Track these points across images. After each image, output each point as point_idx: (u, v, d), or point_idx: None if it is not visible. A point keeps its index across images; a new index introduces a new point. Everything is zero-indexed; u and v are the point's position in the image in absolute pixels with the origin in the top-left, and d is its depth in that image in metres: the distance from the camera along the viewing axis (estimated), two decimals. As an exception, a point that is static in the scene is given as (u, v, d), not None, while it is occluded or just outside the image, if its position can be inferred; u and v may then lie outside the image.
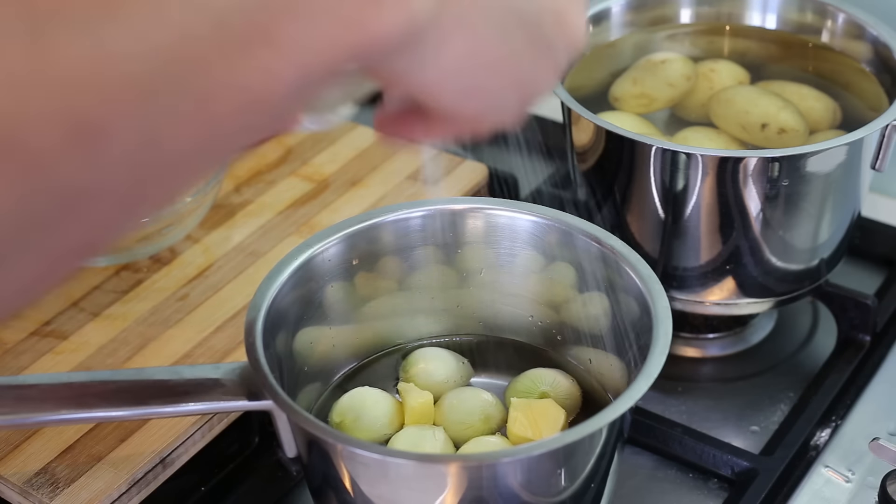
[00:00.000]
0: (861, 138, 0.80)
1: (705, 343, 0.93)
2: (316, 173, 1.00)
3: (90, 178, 0.33)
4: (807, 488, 0.79)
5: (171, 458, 0.76)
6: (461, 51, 0.45)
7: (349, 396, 0.72)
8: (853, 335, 0.91)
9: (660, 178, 0.81)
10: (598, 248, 0.72)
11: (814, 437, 0.83)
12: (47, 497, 0.72)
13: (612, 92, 0.92)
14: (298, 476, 0.79)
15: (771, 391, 0.89)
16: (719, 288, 0.86)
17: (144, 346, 0.82)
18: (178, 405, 0.66)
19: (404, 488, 0.63)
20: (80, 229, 0.34)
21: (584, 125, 0.84)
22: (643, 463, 0.83)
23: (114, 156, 0.33)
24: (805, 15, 0.95)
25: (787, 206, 0.81)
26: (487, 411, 0.71)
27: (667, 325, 0.66)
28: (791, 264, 0.86)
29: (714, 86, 0.91)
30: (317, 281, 0.73)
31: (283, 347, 0.70)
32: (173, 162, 0.36)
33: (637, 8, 0.96)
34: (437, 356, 0.75)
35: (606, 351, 0.74)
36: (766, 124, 0.86)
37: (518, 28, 0.47)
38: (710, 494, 0.81)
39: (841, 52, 0.93)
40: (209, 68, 0.35)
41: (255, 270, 0.89)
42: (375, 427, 0.70)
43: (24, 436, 0.76)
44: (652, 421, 0.83)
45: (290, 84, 0.37)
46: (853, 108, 0.89)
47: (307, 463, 0.67)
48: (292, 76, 0.37)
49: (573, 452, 0.63)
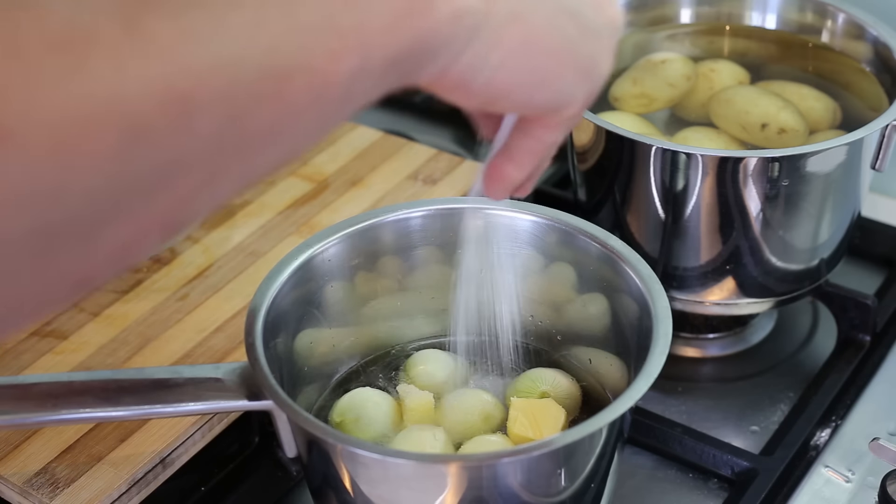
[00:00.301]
0: (861, 138, 0.80)
1: (705, 343, 0.93)
2: (316, 173, 1.00)
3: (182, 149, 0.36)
4: (807, 488, 0.79)
5: (171, 458, 0.76)
6: (517, 42, 0.47)
7: (349, 397, 0.72)
8: (853, 335, 0.91)
9: (660, 178, 0.81)
10: (598, 248, 0.72)
11: (814, 437, 0.83)
12: (47, 497, 0.72)
13: (612, 92, 0.92)
14: (298, 476, 0.79)
15: (771, 391, 0.89)
16: (719, 288, 0.86)
17: (144, 346, 0.82)
18: (178, 405, 0.66)
19: (404, 488, 0.63)
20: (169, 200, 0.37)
21: (584, 125, 0.84)
22: (643, 463, 0.83)
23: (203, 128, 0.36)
24: (805, 15, 0.95)
25: (787, 206, 0.81)
26: (488, 411, 0.71)
27: (667, 325, 0.66)
28: (791, 264, 0.86)
29: (714, 86, 0.91)
30: (317, 281, 0.73)
31: (283, 347, 0.70)
32: (254, 140, 0.39)
33: (637, 8, 0.96)
34: (437, 358, 0.75)
35: (606, 351, 0.74)
36: (766, 124, 0.86)
37: (564, 17, 0.49)
38: (710, 494, 0.81)
39: (841, 52, 0.93)
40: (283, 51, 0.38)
41: (255, 270, 0.89)
42: (376, 427, 0.70)
43: (24, 436, 0.76)
44: (652, 421, 0.83)
45: (353, 67, 0.40)
46: (853, 108, 0.89)
47: (307, 463, 0.67)
48: (354, 59, 0.40)
49: (573, 452, 0.63)
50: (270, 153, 0.40)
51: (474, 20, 0.45)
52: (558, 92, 0.51)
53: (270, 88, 0.38)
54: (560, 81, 0.51)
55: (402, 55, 0.42)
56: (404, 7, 0.42)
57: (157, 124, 0.35)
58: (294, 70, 0.38)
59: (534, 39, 0.48)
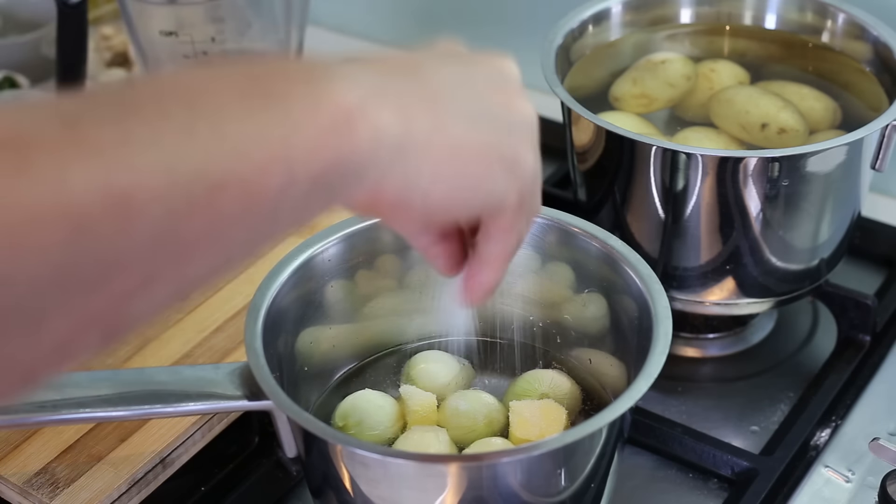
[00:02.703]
0: (861, 138, 0.80)
1: (705, 343, 0.93)
2: (316, 173, 1.00)
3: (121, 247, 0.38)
4: (807, 488, 0.79)
5: (171, 458, 0.76)
6: (445, 154, 0.50)
7: (352, 400, 0.72)
8: (853, 335, 0.91)
9: (660, 178, 0.81)
10: (597, 248, 0.72)
11: (814, 437, 0.83)
12: (47, 497, 0.72)
13: (612, 92, 0.92)
14: (298, 476, 0.79)
15: (771, 391, 0.89)
16: (719, 288, 0.86)
17: (144, 346, 0.82)
18: (178, 405, 0.66)
19: (404, 488, 0.63)
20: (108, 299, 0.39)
21: (584, 125, 0.84)
22: (643, 463, 0.83)
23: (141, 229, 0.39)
24: (805, 15, 0.95)
25: (787, 206, 0.81)
26: (490, 415, 0.70)
27: (667, 325, 0.66)
28: (791, 264, 0.86)
29: (714, 86, 0.91)
30: (317, 281, 0.73)
31: (283, 347, 0.70)
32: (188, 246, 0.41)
33: (637, 8, 0.96)
34: (438, 358, 0.75)
35: (606, 351, 0.74)
36: (766, 124, 0.86)
37: (480, 121, 0.51)
38: (710, 494, 0.81)
39: (841, 52, 0.93)
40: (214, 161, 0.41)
41: (255, 270, 0.89)
42: (379, 430, 0.70)
43: (24, 436, 0.76)
44: (652, 421, 0.83)
45: (281, 182, 0.43)
46: (853, 108, 0.89)
47: (307, 463, 0.67)
48: (281, 173, 0.43)
49: (573, 452, 0.63)
50: (203, 261, 0.42)
51: (395, 139, 0.47)
52: (491, 193, 0.53)
53: (203, 196, 0.40)
54: (490, 182, 0.52)
55: (326, 172, 0.44)
56: (327, 126, 0.44)
57: (99, 221, 0.37)
58: (226, 180, 0.41)
59: (459, 148, 0.50)
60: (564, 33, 0.91)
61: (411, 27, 1.31)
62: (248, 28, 1.01)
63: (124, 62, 1.20)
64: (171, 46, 0.98)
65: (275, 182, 0.42)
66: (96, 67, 1.17)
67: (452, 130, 0.50)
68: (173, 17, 0.98)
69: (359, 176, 0.46)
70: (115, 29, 1.21)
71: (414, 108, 0.48)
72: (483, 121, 0.51)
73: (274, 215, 0.43)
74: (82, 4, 0.95)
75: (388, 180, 0.48)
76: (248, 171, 0.42)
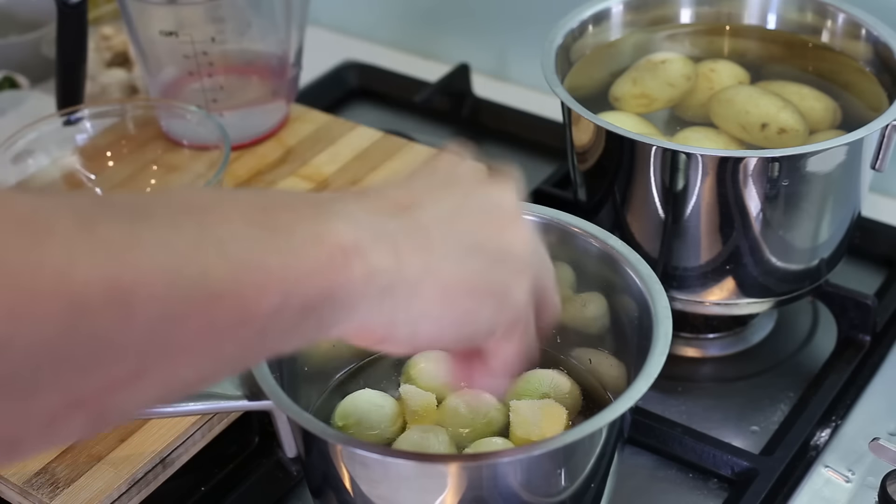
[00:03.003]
0: (861, 138, 0.80)
1: (705, 343, 0.93)
2: (316, 173, 1.00)
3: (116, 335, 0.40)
4: (807, 488, 0.79)
5: (171, 458, 0.76)
6: (435, 293, 0.52)
7: (351, 400, 0.72)
8: (853, 335, 0.91)
9: (660, 178, 0.81)
10: (597, 248, 0.72)
11: (814, 437, 0.83)
12: (47, 497, 0.72)
13: (612, 92, 0.92)
14: (298, 476, 0.79)
15: (771, 391, 0.89)
16: (719, 288, 0.86)
17: (144, 346, 0.82)
18: (178, 405, 0.66)
19: (404, 488, 0.63)
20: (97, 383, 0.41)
21: (584, 125, 0.84)
22: (643, 463, 0.83)
23: (137, 322, 0.41)
24: (805, 15, 0.95)
25: (787, 206, 0.81)
26: (490, 415, 0.70)
27: (667, 325, 0.66)
28: (791, 264, 0.86)
29: (714, 86, 0.91)
30: (317, 281, 0.73)
31: (283, 347, 0.70)
32: (178, 348, 0.43)
33: (637, 8, 0.96)
34: (438, 358, 0.75)
35: (606, 351, 0.74)
36: (766, 124, 0.86)
37: (471, 255, 0.53)
38: (710, 494, 0.81)
39: (841, 52, 0.93)
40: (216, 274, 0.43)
41: (255, 270, 0.89)
42: (378, 430, 0.70)
43: (24, 436, 0.76)
44: (652, 421, 0.83)
45: (275, 304, 0.45)
46: (853, 108, 0.89)
47: (307, 463, 0.67)
48: (276, 296, 0.45)
49: (573, 452, 0.63)
50: (192, 366, 0.44)
51: (388, 279, 0.49)
52: (479, 327, 0.55)
53: (201, 302, 0.43)
54: (479, 315, 0.54)
55: (318, 302, 0.47)
56: (325, 259, 0.47)
57: (99, 308, 0.39)
58: (224, 291, 0.43)
59: (448, 287, 0.52)
60: (564, 33, 0.91)
61: (411, 27, 1.31)
62: (248, 28, 1.02)
63: (124, 62, 1.20)
64: (171, 46, 0.99)
65: (269, 301, 0.45)
66: (96, 67, 1.17)
67: (443, 271, 0.52)
68: (173, 17, 0.98)
69: (349, 309, 0.48)
70: (115, 29, 1.21)
71: (406, 250, 0.50)
72: (473, 256, 0.53)
73: (263, 335, 0.46)
74: (82, 4, 0.95)
75: (377, 317, 0.50)
76: (245, 287, 0.44)
